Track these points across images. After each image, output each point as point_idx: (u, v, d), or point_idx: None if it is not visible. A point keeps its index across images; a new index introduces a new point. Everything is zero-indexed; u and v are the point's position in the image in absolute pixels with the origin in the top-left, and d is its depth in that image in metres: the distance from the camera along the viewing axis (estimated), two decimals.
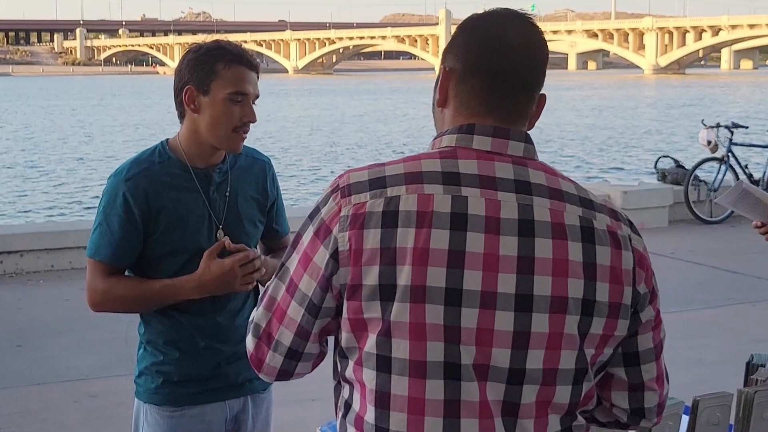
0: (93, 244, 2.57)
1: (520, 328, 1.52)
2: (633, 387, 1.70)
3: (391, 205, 1.52)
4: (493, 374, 1.52)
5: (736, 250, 9.30)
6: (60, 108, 52.27)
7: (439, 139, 1.63)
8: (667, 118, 39.32)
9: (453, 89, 1.64)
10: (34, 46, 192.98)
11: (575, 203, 1.58)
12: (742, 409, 2.28)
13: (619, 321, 1.59)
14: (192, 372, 2.62)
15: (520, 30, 1.63)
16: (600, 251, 1.56)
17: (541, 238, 1.53)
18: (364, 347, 1.55)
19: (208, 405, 2.64)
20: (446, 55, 1.67)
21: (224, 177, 2.62)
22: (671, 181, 11.67)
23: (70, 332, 6.58)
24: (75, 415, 5.17)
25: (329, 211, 1.57)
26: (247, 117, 2.53)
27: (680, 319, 6.89)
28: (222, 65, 2.51)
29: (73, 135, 33.52)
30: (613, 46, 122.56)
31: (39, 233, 8.84)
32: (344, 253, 1.53)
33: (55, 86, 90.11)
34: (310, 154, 26.18)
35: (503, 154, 1.59)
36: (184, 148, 2.58)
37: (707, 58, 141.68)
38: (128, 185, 2.52)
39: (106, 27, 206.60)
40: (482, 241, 1.51)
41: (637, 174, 18.81)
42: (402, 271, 1.50)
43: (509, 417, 1.54)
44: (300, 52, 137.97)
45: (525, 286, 1.52)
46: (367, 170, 1.59)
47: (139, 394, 2.68)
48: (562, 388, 1.56)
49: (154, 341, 2.64)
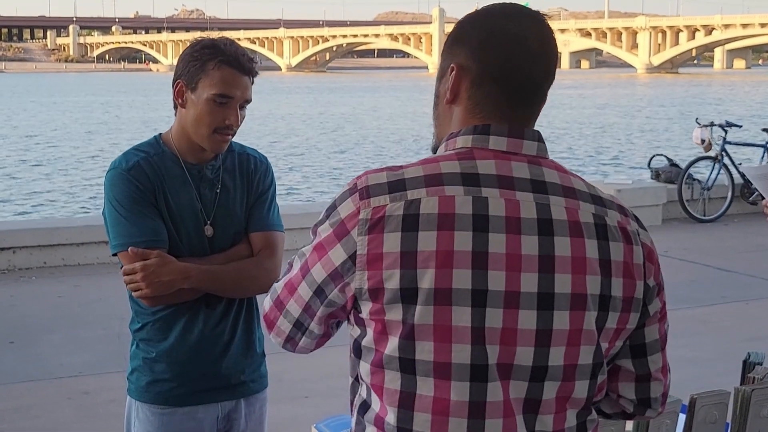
0: (124, 236, 2.50)
1: (542, 326, 1.54)
2: (640, 378, 1.72)
3: (412, 209, 1.52)
4: (516, 373, 1.54)
5: (730, 249, 9.33)
6: (54, 105, 52.14)
7: (453, 140, 1.62)
8: (661, 117, 39.39)
9: (467, 91, 1.63)
10: (27, 42, 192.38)
11: (588, 201, 1.61)
12: (739, 407, 2.28)
13: (631, 314, 1.63)
14: (183, 372, 2.61)
15: (538, 33, 1.63)
16: (613, 247, 1.59)
17: (559, 237, 1.56)
18: (384, 350, 1.55)
19: (200, 405, 2.63)
20: (456, 49, 1.65)
21: (216, 173, 2.61)
22: (665, 179, 11.69)
23: (62, 329, 6.57)
24: (68, 412, 5.15)
25: (348, 211, 1.56)
26: (229, 120, 2.51)
27: (674, 317, 6.82)
28: (213, 65, 2.49)
29: (67, 132, 33.43)
30: (606, 45, 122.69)
31: (31, 230, 8.80)
32: (362, 257, 1.53)
33: (47, 83, 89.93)
34: (322, 151, 26.25)
35: (518, 153, 1.60)
36: (176, 142, 2.58)
37: (700, 58, 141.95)
38: (132, 174, 2.51)
39: (100, 24, 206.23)
40: (504, 242, 1.53)
41: (630, 172, 18.85)
42: (425, 275, 1.50)
43: (530, 414, 1.56)
44: (293, 50, 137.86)
45: (546, 285, 1.54)
46: (386, 172, 1.59)
47: (131, 392, 2.67)
48: (581, 383, 1.59)
49: (146, 338, 2.63)
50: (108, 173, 2.57)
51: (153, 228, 2.50)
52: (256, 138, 27.48)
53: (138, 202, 2.50)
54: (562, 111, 42.49)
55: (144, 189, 2.51)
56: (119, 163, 2.54)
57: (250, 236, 2.64)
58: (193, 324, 2.59)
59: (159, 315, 2.59)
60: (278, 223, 2.70)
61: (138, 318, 2.64)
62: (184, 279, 2.49)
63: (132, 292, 2.54)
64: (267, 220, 2.67)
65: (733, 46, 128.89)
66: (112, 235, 2.54)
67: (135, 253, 2.47)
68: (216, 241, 2.59)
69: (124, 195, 2.50)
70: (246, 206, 2.65)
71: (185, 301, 2.55)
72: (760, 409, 2.28)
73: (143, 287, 2.47)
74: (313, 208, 10.37)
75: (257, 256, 2.62)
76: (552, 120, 35.63)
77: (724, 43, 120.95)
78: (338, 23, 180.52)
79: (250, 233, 2.64)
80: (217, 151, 2.58)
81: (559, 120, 36.68)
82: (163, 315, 2.59)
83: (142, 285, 2.47)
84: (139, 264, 2.46)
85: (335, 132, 33.01)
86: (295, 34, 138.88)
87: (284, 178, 19.50)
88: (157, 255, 2.47)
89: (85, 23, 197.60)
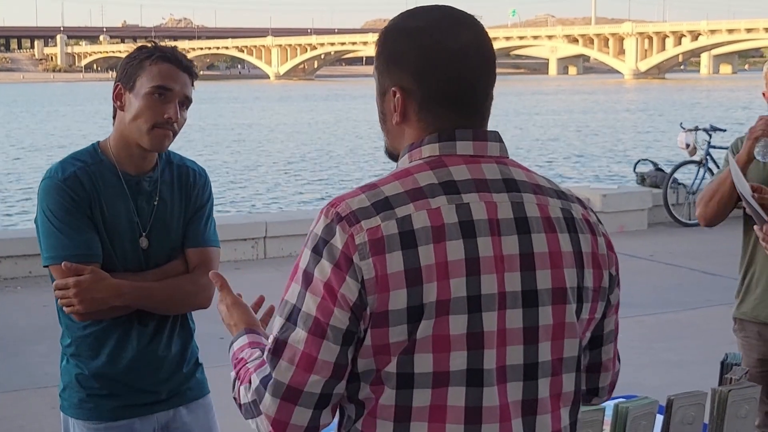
0: (57, 249, 2.45)
1: (528, 323, 1.56)
2: (590, 368, 1.75)
3: (405, 225, 1.51)
4: (511, 373, 1.56)
5: (715, 253, 9.33)
6: (38, 114, 51.94)
7: (418, 149, 1.61)
8: (646, 122, 39.48)
9: (415, 114, 1.62)
10: (14, 52, 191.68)
11: (554, 196, 1.64)
12: (717, 407, 2.29)
13: (599, 304, 1.67)
14: (117, 388, 2.56)
15: (475, 41, 1.62)
16: (582, 239, 1.63)
17: (536, 234, 1.58)
18: (383, 368, 1.53)
19: (136, 417, 2.58)
20: (395, 70, 1.61)
21: (153, 186, 2.55)
22: (650, 184, 11.74)
23: (47, 339, 6.50)
24: (52, 422, 5.10)
25: (342, 240, 1.51)
26: (168, 114, 2.44)
27: (659, 321, 6.92)
28: (150, 61, 2.46)
29: (49, 141, 33.30)
30: (593, 51, 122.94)
31: (16, 239, 8.77)
32: (371, 281, 1.49)
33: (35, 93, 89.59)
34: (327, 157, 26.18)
35: (485, 156, 1.61)
36: (114, 151, 2.52)
37: (687, 63, 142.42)
38: (67, 184, 2.45)
39: (87, 33, 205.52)
40: (490, 244, 1.54)
41: (616, 177, 18.89)
42: (430, 289, 1.50)
43: (529, 416, 1.58)
44: (281, 58, 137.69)
45: (529, 282, 1.56)
46: (362, 194, 1.55)
47: (64, 409, 2.61)
48: (568, 377, 1.62)
49: (77, 354, 2.57)
50: (42, 182, 2.50)
51: (86, 241, 2.44)
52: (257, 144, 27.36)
53: (72, 214, 2.43)
54: (548, 117, 42.57)
55: (79, 200, 2.44)
56: (55, 172, 2.48)
57: (186, 252, 2.59)
58: (126, 341, 2.53)
59: (90, 330, 2.53)
60: (214, 239, 2.65)
61: (68, 333, 2.58)
62: (118, 296, 2.44)
63: (63, 308, 2.48)
64: (204, 235, 2.61)
65: (720, 51, 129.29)
66: (45, 247, 2.48)
67: (68, 268, 2.41)
68: (151, 254, 2.54)
69: (58, 206, 2.44)
70: (183, 220, 2.59)
71: (116, 316, 2.50)
72: (737, 409, 2.29)
73: (75, 303, 2.42)
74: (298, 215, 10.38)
75: (192, 273, 2.57)
76: (539, 125, 35.68)
77: (711, 49, 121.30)
78: (326, 31, 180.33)
79: (187, 249, 2.59)
80: (158, 149, 2.50)
81: (544, 126, 36.74)
82: (94, 330, 2.53)
83: (74, 301, 2.41)
84: (72, 280, 2.40)
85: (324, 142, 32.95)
86: (284, 42, 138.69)
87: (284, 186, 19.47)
88: (90, 271, 2.41)
89: (72, 33, 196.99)
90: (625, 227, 10.66)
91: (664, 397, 2.28)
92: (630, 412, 2.17)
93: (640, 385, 5.34)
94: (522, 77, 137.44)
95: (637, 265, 9.09)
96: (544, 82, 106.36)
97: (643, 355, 6.04)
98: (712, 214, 3.42)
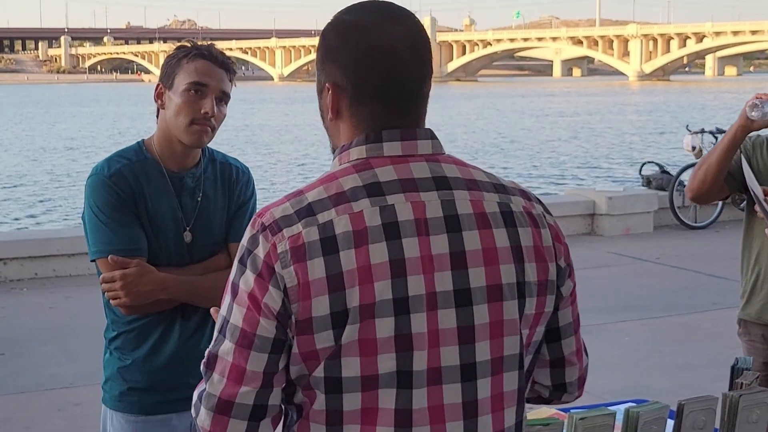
0: (103, 243, 2.50)
1: (463, 323, 1.54)
2: (554, 363, 1.73)
3: (327, 231, 1.50)
4: (447, 375, 1.53)
5: (721, 255, 9.32)
6: (42, 116, 52.06)
7: (346, 152, 1.60)
8: (652, 124, 39.48)
9: (347, 109, 1.61)
10: (18, 54, 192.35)
11: (491, 190, 1.61)
12: (728, 412, 2.28)
13: (548, 297, 1.63)
14: (158, 381, 2.60)
15: (408, 38, 1.60)
16: (522, 233, 1.60)
17: (467, 231, 1.55)
18: (313, 372, 1.52)
19: (174, 413, 2.62)
20: (329, 66, 1.62)
21: (197, 182, 2.61)
22: (656, 186, 11.72)
23: (53, 340, 6.56)
24: (58, 424, 5.14)
25: (265, 250, 1.51)
26: (205, 109, 2.50)
27: (666, 324, 6.91)
28: (187, 59, 2.52)
29: (55, 143, 33.38)
30: (597, 53, 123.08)
31: (23, 241, 8.80)
32: (293, 289, 1.48)
33: (39, 94, 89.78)
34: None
35: (415, 155, 1.59)
36: (157, 148, 2.59)
37: (691, 65, 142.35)
38: (113, 180, 2.52)
39: (91, 35, 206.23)
40: (417, 245, 1.52)
41: (622, 180, 18.88)
42: (353, 294, 1.48)
43: (470, 419, 1.56)
44: (285, 60, 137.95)
45: (461, 281, 1.54)
46: (287, 202, 1.55)
47: (105, 401, 2.67)
48: (510, 375, 1.59)
49: (120, 347, 2.63)
50: (89, 179, 2.57)
51: (132, 236, 2.50)
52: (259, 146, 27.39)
53: (118, 209, 2.50)
54: (554, 119, 42.58)
55: (124, 196, 2.51)
56: (101, 169, 2.55)
57: (229, 246, 2.63)
58: (169, 334, 2.59)
59: (135, 324, 2.59)
60: None
61: (113, 326, 2.64)
62: (163, 289, 2.50)
63: (110, 300, 2.54)
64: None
65: (725, 53, 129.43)
66: (92, 242, 2.54)
67: (115, 261, 2.47)
68: (195, 249, 2.60)
69: (104, 201, 2.51)
70: (226, 216, 2.65)
71: (162, 310, 2.55)
72: (748, 414, 2.28)
73: (122, 296, 2.48)
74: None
75: None
76: (543, 126, 35.71)
77: (715, 51, 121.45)
78: None
79: (230, 243, 2.63)
80: (197, 145, 2.56)
81: (549, 126, 36.75)
82: (138, 324, 2.59)
83: (120, 294, 2.47)
84: (119, 273, 2.46)
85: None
86: (288, 43, 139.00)
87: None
88: (136, 264, 2.48)
89: (76, 34, 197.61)
90: (630, 230, 10.65)
91: (673, 400, 2.27)
92: (641, 416, 2.16)
93: (648, 388, 5.34)
94: (526, 79, 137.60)
95: (644, 268, 9.09)
96: (548, 84, 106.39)
97: (651, 358, 6.05)
98: (698, 185, 3.42)
